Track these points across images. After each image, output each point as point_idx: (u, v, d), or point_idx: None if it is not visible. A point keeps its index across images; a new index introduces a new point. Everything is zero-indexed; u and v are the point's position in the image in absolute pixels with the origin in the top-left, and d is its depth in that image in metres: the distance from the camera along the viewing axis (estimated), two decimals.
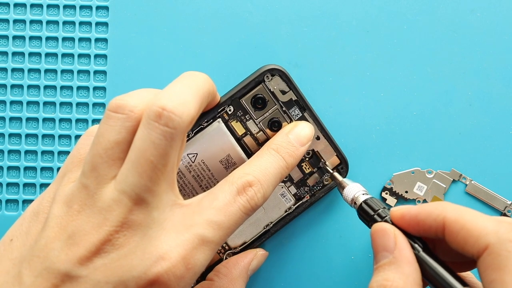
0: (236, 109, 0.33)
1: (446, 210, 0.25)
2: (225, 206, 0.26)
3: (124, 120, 0.25)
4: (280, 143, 0.30)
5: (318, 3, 0.36)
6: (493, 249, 0.23)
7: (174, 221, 0.25)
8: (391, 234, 0.26)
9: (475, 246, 0.24)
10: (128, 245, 0.24)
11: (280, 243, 0.36)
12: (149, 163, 0.24)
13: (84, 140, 0.28)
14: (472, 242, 0.24)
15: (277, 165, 0.29)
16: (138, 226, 0.25)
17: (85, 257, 0.24)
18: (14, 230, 0.27)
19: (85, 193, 0.25)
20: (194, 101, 0.26)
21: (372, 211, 0.29)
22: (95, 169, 0.25)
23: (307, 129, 0.32)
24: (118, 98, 0.26)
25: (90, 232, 0.24)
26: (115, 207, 0.24)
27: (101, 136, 0.25)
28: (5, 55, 0.36)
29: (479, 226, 0.24)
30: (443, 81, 0.36)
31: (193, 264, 0.25)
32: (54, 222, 0.25)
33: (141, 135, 0.25)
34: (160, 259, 0.24)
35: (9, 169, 0.36)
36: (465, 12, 0.36)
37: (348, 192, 0.31)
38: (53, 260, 0.24)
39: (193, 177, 0.33)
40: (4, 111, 0.36)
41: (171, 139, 0.25)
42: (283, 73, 0.33)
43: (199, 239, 0.25)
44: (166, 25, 0.36)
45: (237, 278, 0.32)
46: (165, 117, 0.24)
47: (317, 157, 0.34)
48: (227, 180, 0.27)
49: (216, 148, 0.33)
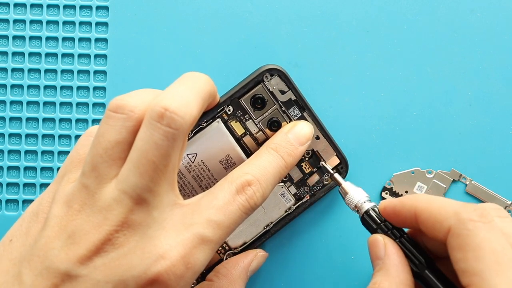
0: (236, 109, 0.33)
1: (417, 200, 0.27)
2: (225, 205, 0.26)
3: (124, 120, 0.25)
4: (279, 142, 0.31)
5: (318, 3, 0.36)
6: (454, 230, 0.24)
7: (174, 221, 0.25)
8: (381, 243, 0.28)
9: (441, 230, 0.25)
10: (128, 244, 0.24)
11: (280, 243, 0.36)
12: (151, 164, 0.24)
13: (84, 141, 0.28)
14: (438, 227, 0.25)
15: (276, 165, 0.29)
16: (138, 226, 0.25)
17: (85, 256, 0.24)
18: (14, 230, 0.27)
19: (85, 192, 0.25)
20: (196, 102, 0.26)
21: (374, 224, 0.30)
22: (95, 169, 0.25)
23: (306, 128, 0.32)
24: (119, 98, 0.26)
25: (90, 232, 0.24)
26: (115, 207, 0.24)
27: (101, 136, 0.25)
28: (5, 55, 0.36)
29: (443, 210, 0.25)
30: (443, 81, 0.36)
31: (193, 263, 0.25)
32: (54, 222, 0.25)
33: (143, 135, 0.25)
34: (160, 258, 0.24)
35: (9, 169, 0.36)
36: (465, 12, 0.36)
37: (352, 199, 0.31)
38: (53, 260, 0.24)
39: (192, 177, 0.33)
40: (4, 111, 0.36)
41: (173, 140, 0.25)
42: (282, 73, 0.33)
43: (199, 238, 0.25)
44: (166, 25, 0.36)
45: (236, 279, 0.32)
46: (167, 117, 0.24)
47: (316, 157, 0.34)
48: (226, 179, 0.27)
49: (215, 148, 0.33)
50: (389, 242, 0.28)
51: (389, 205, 0.29)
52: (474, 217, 0.24)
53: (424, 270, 0.27)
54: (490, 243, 0.23)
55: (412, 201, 0.27)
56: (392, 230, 0.29)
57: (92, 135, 0.28)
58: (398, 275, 0.26)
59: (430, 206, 0.26)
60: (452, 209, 0.25)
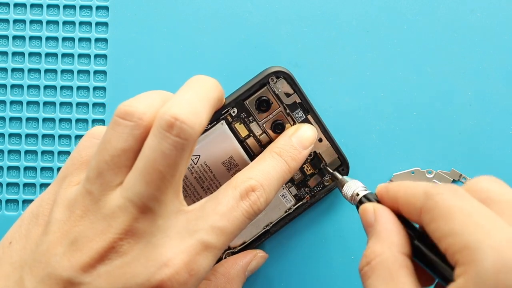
0: (240, 111, 0.33)
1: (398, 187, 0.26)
2: (229, 211, 0.26)
3: (132, 128, 0.25)
4: (283, 146, 0.30)
5: (318, 3, 0.36)
6: (424, 207, 0.24)
7: (178, 228, 0.25)
8: (370, 210, 0.27)
9: (415, 212, 0.25)
10: (132, 252, 0.24)
11: (280, 243, 0.36)
12: (158, 173, 0.24)
13: (86, 142, 0.28)
14: (413, 209, 0.25)
15: (279, 169, 0.29)
16: (143, 234, 0.24)
17: (89, 264, 0.24)
18: (13, 232, 0.27)
19: (89, 199, 0.25)
20: (205, 110, 0.26)
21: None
22: (101, 176, 0.25)
23: (310, 131, 0.32)
24: (127, 104, 0.25)
25: (93, 239, 0.24)
26: (120, 215, 0.24)
27: (108, 142, 0.25)
28: (5, 55, 0.36)
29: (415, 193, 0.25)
30: (443, 81, 0.36)
31: (196, 270, 0.25)
32: (56, 227, 0.25)
33: (151, 144, 0.24)
34: (164, 266, 0.24)
35: (9, 169, 0.36)
36: (465, 12, 0.36)
37: (348, 189, 0.31)
38: (55, 266, 0.24)
39: (195, 178, 0.33)
40: (4, 111, 0.36)
41: (182, 150, 0.24)
42: (288, 75, 0.33)
43: (203, 245, 0.25)
44: (166, 25, 0.36)
45: (234, 278, 0.32)
46: (177, 127, 0.24)
47: (318, 158, 0.34)
48: (230, 184, 0.27)
49: (219, 150, 0.33)
50: (379, 207, 0.27)
51: (379, 192, 0.28)
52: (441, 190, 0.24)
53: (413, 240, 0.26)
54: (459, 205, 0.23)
55: (395, 187, 0.27)
56: None
57: (95, 136, 0.28)
58: (389, 237, 0.25)
59: (404, 191, 0.26)
60: (421, 189, 0.25)
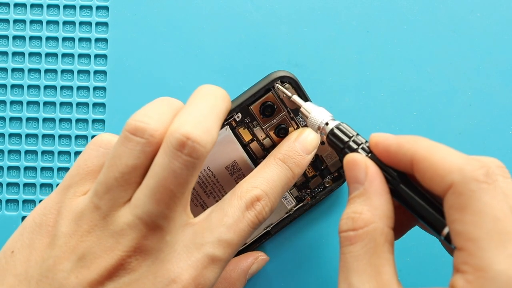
0: (244, 116, 0.33)
1: (417, 145, 0.24)
2: (235, 223, 0.26)
3: (144, 145, 0.24)
4: (287, 152, 0.30)
5: (318, 3, 0.36)
6: (456, 188, 0.22)
7: (185, 241, 0.25)
8: (361, 165, 0.25)
9: (441, 184, 0.23)
10: (140, 269, 0.24)
11: (281, 244, 0.36)
12: (168, 192, 0.24)
13: (92, 151, 0.27)
14: (439, 180, 0.23)
15: (284, 177, 0.29)
16: (151, 251, 0.24)
17: (97, 281, 0.24)
18: (15, 241, 0.26)
19: (97, 214, 0.25)
20: (216, 126, 0.25)
21: (346, 138, 0.28)
22: (109, 192, 0.24)
23: (312, 136, 0.31)
24: (138, 120, 0.25)
25: (101, 256, 0.24)
26: (128, 232, 0.24)
27: (118, 158, 0.25)
28: (5, 55, 0.36)
29: (447, 163, 0.23)
30: (443, 81, 0.36)
31: (204, 284, 0.25)
32: (62, 241, 0.25)
33: (161, 162, 0.24)
34: (172, 282, 0.24)
35: (9, 169, 0.36)
36: (465, 12, 0.36)
37: (314, 120, 0.29)
38: (63, 283, 0.24)
39: (198, 183, 0.33)
40: (4, 111, 0.36)
41: (193, 169, 0.24)
42: (293, 80, 0.32)
43: (209, 258, 0.25)
44: (166, 25, 0.36)
45: (235, 282, 0.32)
46: (189, 147, 0.24)
47: (319, 160, 0.34)
48: (235, 193, 0.27)
49: (222, 155, 0.33)
50: (371, 164, 0.25)
51: (382, 143, 0.26)
52: (479, 176, 0.22)
53: (399, 184, 0.25)
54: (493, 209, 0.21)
55: (411, 144, 0.24)
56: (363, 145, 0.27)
57: (101, 145, 0.27)
58: (380, 206, 0.24)
59: (432, 156, 0.23)
60: (456, 163, 0.23)
